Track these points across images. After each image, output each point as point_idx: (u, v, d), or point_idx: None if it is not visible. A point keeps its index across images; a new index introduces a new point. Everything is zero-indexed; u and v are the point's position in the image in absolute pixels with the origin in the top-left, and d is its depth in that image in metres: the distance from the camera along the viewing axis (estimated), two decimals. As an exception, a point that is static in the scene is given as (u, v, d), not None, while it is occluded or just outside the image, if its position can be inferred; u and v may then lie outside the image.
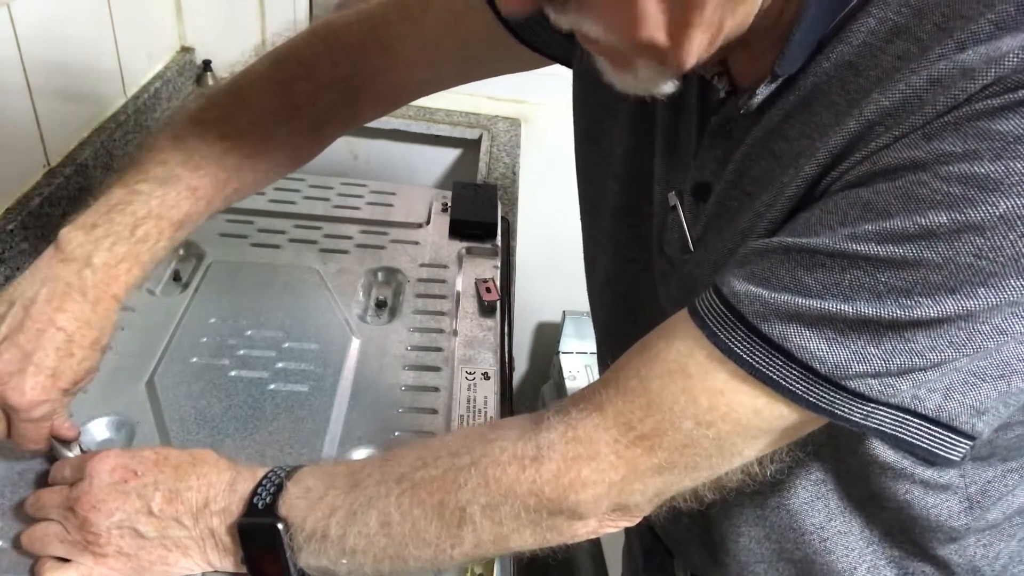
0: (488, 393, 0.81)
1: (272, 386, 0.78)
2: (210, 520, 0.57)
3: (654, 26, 0.43)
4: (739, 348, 0.45)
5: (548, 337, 1.80)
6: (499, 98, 1.54)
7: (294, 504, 0.55)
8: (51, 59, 1.04)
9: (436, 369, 0.83)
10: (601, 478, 0.49)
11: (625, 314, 0.73)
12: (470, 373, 0.83)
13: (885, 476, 0.57)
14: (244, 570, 0.58)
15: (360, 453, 0.72)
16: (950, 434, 0.45)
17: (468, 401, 0.79)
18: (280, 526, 0.54)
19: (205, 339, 0.83)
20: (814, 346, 0.43)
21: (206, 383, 0.77)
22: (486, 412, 0.78)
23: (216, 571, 0.59)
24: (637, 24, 0.43)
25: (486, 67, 0.77)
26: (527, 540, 0.52)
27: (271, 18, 1.45)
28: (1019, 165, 0.38)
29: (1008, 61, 0.39)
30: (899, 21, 0.44)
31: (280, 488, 0.56)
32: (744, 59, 0.52)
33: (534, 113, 1.54)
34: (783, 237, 0.46)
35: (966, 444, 0.46)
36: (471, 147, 1.51)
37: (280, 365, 0.81)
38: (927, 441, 0.45)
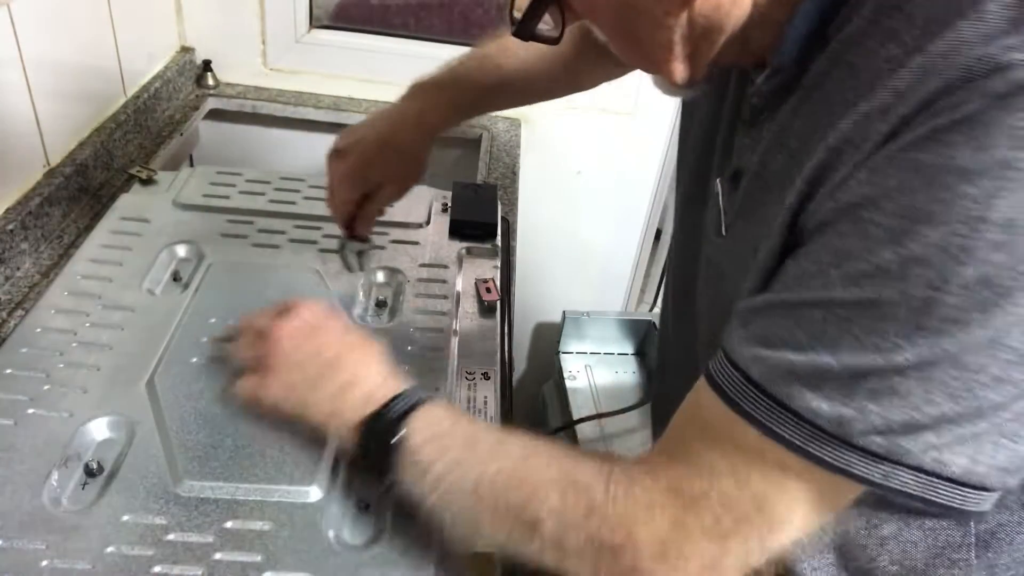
0: (488, 393, 0.81)
1: (272, 386, 0.78)
2: (350, 395, 0.64)
3: (636, 60, 0.56)
4: (754, 411, 0.46)
5: (548, 337, 1.80)
6: (499, 98, 1.54)
7: (418, 428, 0.60)
8: (51, 59, 1.04)
9: (436, 369, 0.83)
10: (655, 538, 0.50)
11: (678, 301, 0.76)
12: (470, 373, 0.83)
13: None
14: (349, 451, 0.64)
15: (360, 453, 0.72)
16: (980, 492, 0.44)
17: (468, 401, 0.79)
18: (399, 436, 0.59)
19: (205, 339, 0.83)
20: (816, 404, 0.44)
21: (206, 383, 0.77)
22: (486, 412, 0.78)
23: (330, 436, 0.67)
24: (626, 56, 0.56)
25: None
26: (582, 572, 0.53)
27: (271, 18, 1.45)
28: (944, 194, 0.39)
29: (926, 88, 0.40)
30: (861, 25, 0.46)
31: (415, 406, 0.61)
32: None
33: (534, 113, 1.54)
34: (775, 293, 0.47)
35: (997, 494, 0.45)
36: (471, 147, 1.51)
37: (280, 365, 0.81)
38: (958, 501, 0.44)
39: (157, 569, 0.61)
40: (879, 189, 0.42)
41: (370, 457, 0.62)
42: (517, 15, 0.55)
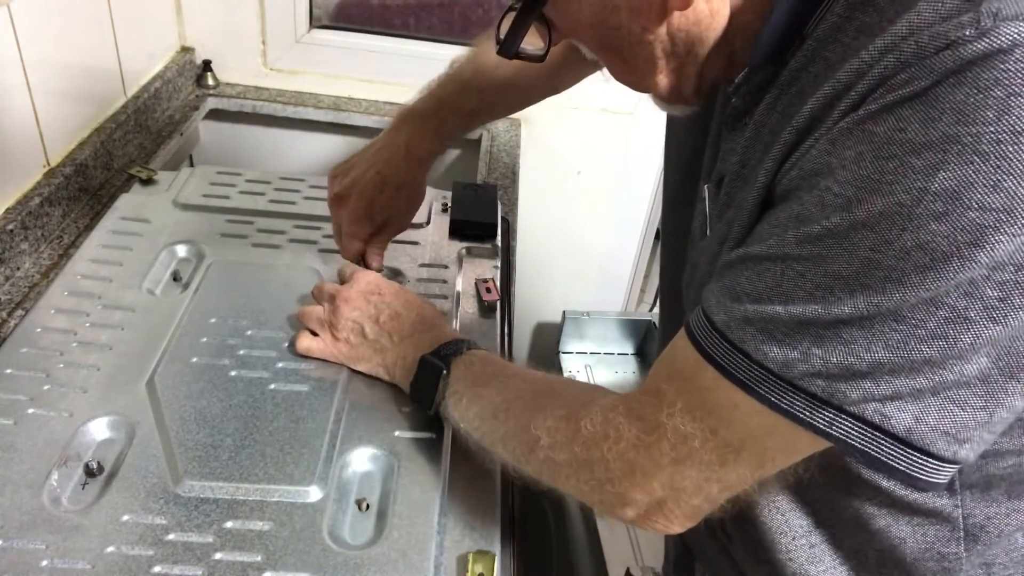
0: (488, 393, 0.80)
1: (272, 386, 0.78)
2: (410, 343, 0.77)
3: (625, 77, 0.59)
4: (713, 353, 0.50)
5: (548, 337, 1.80)
6: (499, 98, 1.54)
7: (459, 365, 0.72)
8: (51, 59, 1.04)
9: (436, 369, 0.83)
10: (622, 456, 0.55)
11: (669, 303, 0.82)
12: (470, 373, 0.83)
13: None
14: (407, 390, 0.76)
15: (360, 453, 0.72)
16: (928, 458, 0.45)
17: (468, 401, 0.79)
18: (444, 372, 0.72)
19: (205, 339, 0.83)
20: (766, 348, 0.47)
21: (206, 383, 0.78)
22: (486, 412, 0.78)
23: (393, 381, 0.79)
24: (615, 73, 0.59)
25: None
26: (571, 487, 0.60)
27: (271, 18, 1.45)
28: (891, 164, 0.41)
29: (884, 64, 0.43)
30: (835, 21, 0.49)
31: (459, 351, 0.73)
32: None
33: (534, 113, 1.54)
34: (744, 249, 0.51)
35: (949, 468, 0.46)
36: (471, 147, 1.51)
37: (280, 365, 0.81)
38: (904, 463, 0.46)
39: (157, 569, 0.61)
40: (836, 159, 0.44)
41: (421, 390, 0.74)
42: (502, 36, 0.58)
